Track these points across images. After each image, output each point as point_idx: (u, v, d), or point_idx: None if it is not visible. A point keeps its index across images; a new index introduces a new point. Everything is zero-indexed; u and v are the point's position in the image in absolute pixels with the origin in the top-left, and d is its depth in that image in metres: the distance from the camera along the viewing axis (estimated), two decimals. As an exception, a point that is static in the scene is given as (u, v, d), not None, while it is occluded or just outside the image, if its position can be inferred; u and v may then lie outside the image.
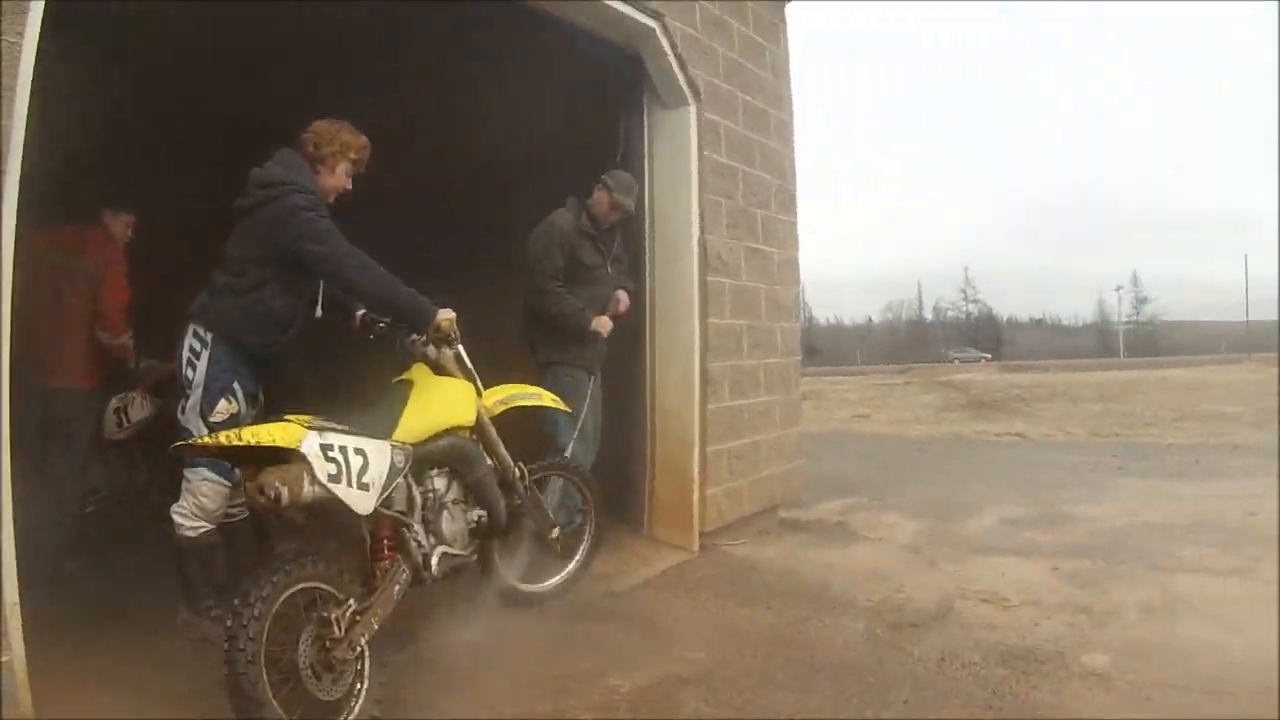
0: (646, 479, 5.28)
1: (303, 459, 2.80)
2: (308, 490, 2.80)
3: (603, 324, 4.80)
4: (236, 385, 3.33)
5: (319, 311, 3.49)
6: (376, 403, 3.39)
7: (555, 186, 4.92)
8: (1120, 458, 9.36)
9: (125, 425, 4.67)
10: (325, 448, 2.87)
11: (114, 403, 4.62)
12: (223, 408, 3.29)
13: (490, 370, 3.69)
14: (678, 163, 5.18)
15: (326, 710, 2.81)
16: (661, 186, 5.26)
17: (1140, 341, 64.41)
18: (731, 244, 5.42)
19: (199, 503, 3.25)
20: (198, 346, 3.31)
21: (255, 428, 2.86)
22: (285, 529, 3.27)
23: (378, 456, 3.04)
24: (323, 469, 2.83)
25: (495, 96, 5.68)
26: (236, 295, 3.30)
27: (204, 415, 3.26)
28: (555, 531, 4.07)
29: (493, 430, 3.69)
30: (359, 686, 2.94)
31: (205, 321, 3.31)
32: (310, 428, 2.89)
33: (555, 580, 4.20)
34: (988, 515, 6.26)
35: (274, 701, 2.64)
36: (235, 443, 2.77)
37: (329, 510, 2.93)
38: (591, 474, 4.41)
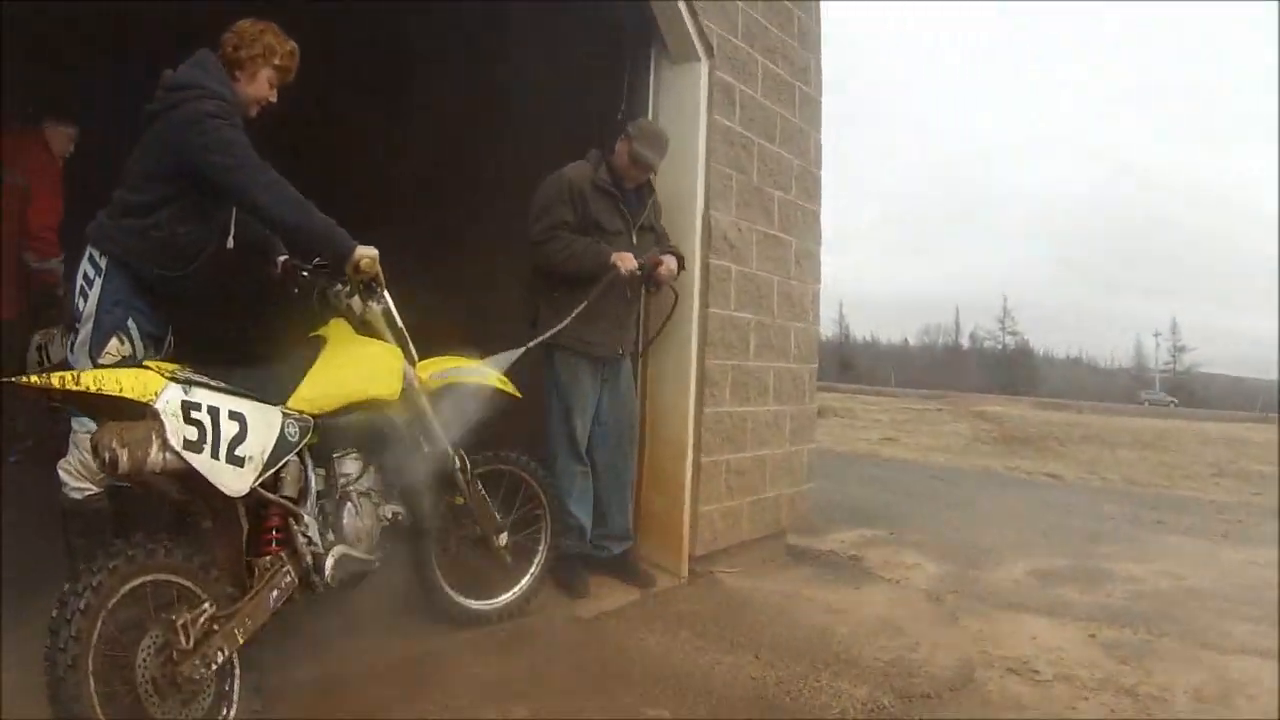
0: (633, 486, 4.55)
1: (155, 417, 2.32)
2: (155, 457, 2.31)
3: (625, 260, 3.91)
4: (131, 323, 2.82)
5: (230, 242, 3.00)
6: (277, 360, 2.84)
7: (555, 152, 4.26)
8: (1159, 511, 8.56)
9: (46, 364, 4.03)
10: (188, 406, 2.39)
11: (36, 338, 4.02)
12: (114, 347, 2.79)
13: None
14: (683, 125, 4.48)
15: None
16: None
17: (1175, 390, 62.88)
18: (741, 225, 4.72)
19: (84, 459, 2.74)
20: (91, 273, 2.82)
21: (99, 372, 2.39)
22: (154, 502, 2.77)
23: (262, 425, 2.56)
24: (177, 431, 2.35)
25: (488, 52, 5.07)
26: (134, 217, 2.81)
27: (92, 355, 2.77)
28: (503, 538, 3.50)
29: (428, 409, 3.13)
30: (223, 714, 2.43)
31: (100, 245, 2.83)
32: (174, 379, 2.42)
33: (505, 598, 3.63)
34: (1017, 564, 5.54)
35: (100, 717, 2.15)
36: (70, 387, 2.27)
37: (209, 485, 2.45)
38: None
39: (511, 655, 3.32)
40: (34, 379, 2.29)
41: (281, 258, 3.26)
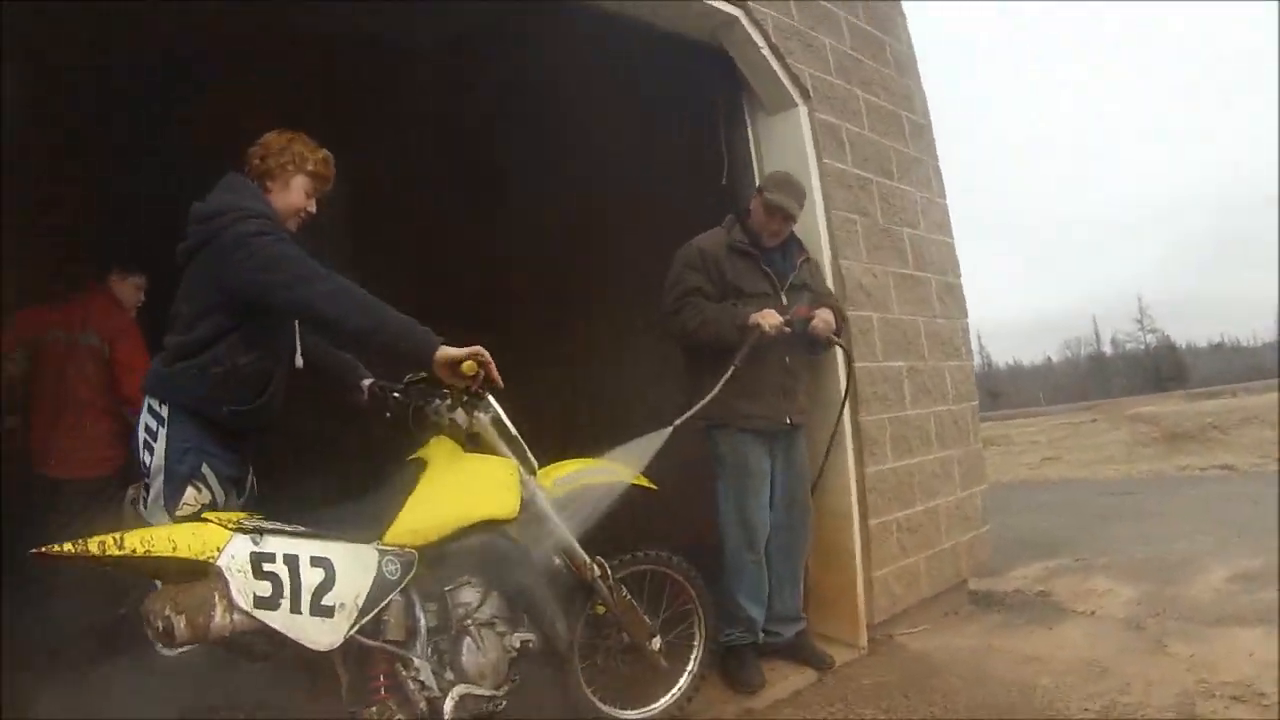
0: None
1: (217, 576, 2.09)
2: (221, 620, 2.08)
3: (768, 317, 3.52)
4: (206, 468, 2.57)
5: (299, 361, 2.76)
6: (369, 492, 2.59)
7: (664, 223, 4.10)
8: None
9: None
10: (260, 558, 2.16)
11: (130, 493, 3.96)
12: (191, 497, 2.54)
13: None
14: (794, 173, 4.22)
15: None
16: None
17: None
18: (875, 269, 4.45)
19: None
20: (153, 424, 2.58)
21: (147, 531, 2.12)
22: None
23: (354, 567, 2.32)
24: (246, 589, 2.11)
25: (574, 125, 4.99)
26: (189, 357, 2.56)
27: (168, 509, 2.52)
28: (656, 641, 3.18)
29: (554, 518, 2.84)
30: None
31: (158, 393, 2.59)
32: (240, 529, 2.18)
33: (662, 702, 3.33)
34: (1215, 570, 5.01)
35: None
36: (112, 553, 1.99)
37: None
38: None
39: None
40: (69, 547, 1.99)
41: (366, 382, 3.04)
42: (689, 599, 3.39)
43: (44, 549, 2.00)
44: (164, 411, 2.57)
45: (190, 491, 2.53)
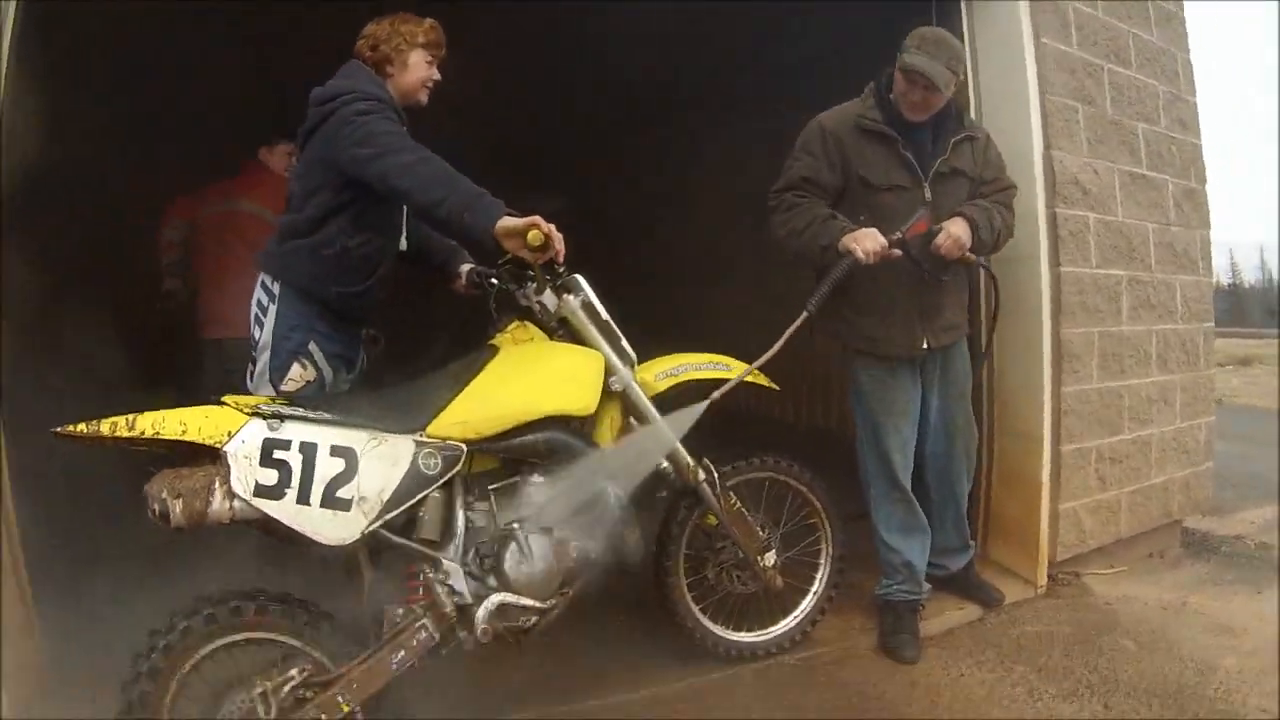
0: (977, 485, 3.85)
1: (221, 461, 2.06)
2: (220, 507, 2.05)
3: (863, 241, 2.83)
4: (313, 345, 2.66)
5: (403, 244, 2.80)
6: (424, 378, 2.46)
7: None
8: None
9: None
10: (272, 445, 2.11)
11: None
12: (296, 373, 2.64)
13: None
14: (1006, 54, 3.74)
15: None
16: (988, 88, 3.83)
17: None
18: (1097, 165, 3.88)
19: None
20: (265, 300, 2.69)
21: (159, 414, 2.06)
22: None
23: (380, 459, 2.21)
24: (248, 476, 2.07)
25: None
26: (300, 236, 2.64)
27: (274, 383, 2.63)
28: (770, 557, 2.94)
29: (653, 414, 2.60)
30: None
31: (271, 270, 2.69)
32: (256, 414, 2.14)
33: (778, 628, 3.10)
34: None
35: None
36: (123, 434, 1.99)
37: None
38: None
39: (790, 694, 2.88)
40: (82, 428, 2.00)
41: (465, 267, 2.96)
42: (814, 512, 3.12)
43: (62, 429, 2.03)
44: (275, 288, 2.68)
45: (296, 368, 2.64)
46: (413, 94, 2.76)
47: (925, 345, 3.14)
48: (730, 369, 2.79)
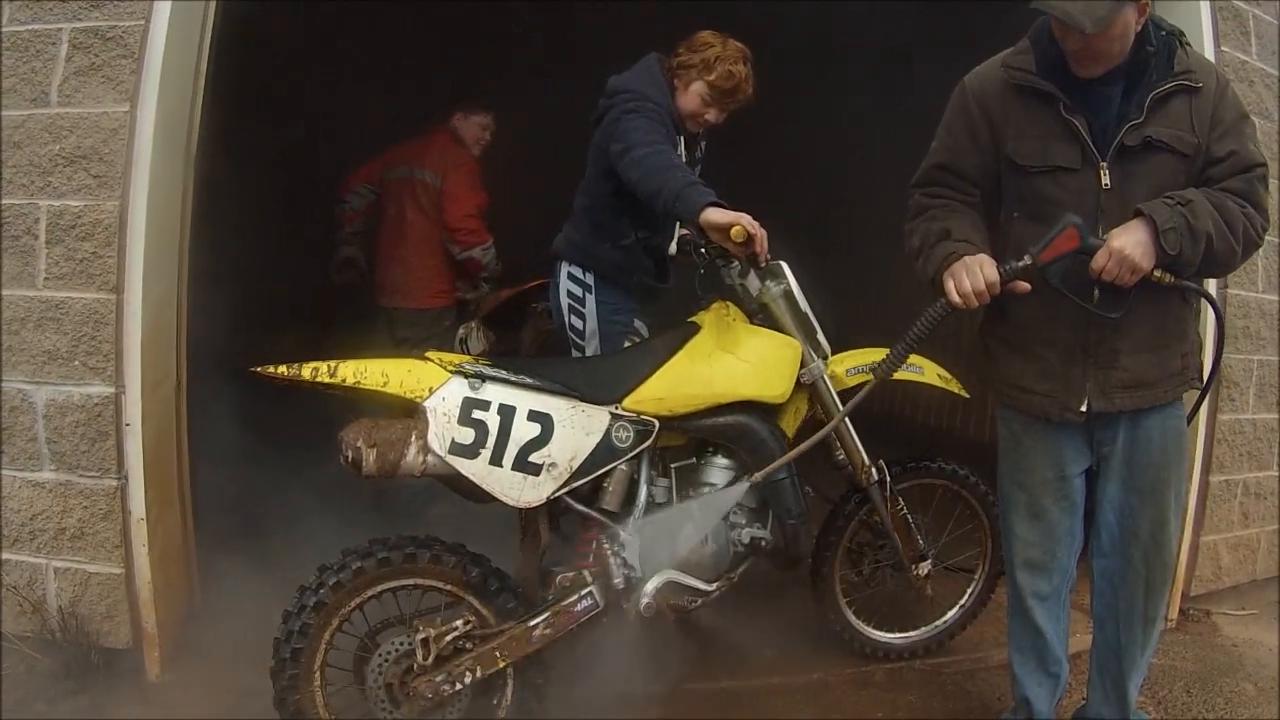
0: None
1: (420, 416, 2.11)
2: (413, 460, 2.10)
3: (961, 277, 2.04)
4: (638, 322, 2.79)
5: (673, 249, 2.87)
6: (625, 350, 2.58)
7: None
8: None
9: None
10: (472, 404, 2.14)
11: (460, 332, 4.14)
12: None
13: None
14: None
15: None
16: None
17: None
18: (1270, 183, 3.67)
19: None
20: (578, 291, 2.79)
21: (361, 363, 2.13)
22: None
23: (575, 427, 2.24)
24: (445, 433, 2.11)
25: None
26: (594, 225, 2.79)
27: None
28: (924, 567, 2.89)
29: (839, 407, 2.55)
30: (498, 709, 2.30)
31: (577, 260, 2.81)
32: (459, 372, 2.17)
33: (918, 632, 3.07)
34: None
35: (322, 713, 2.14)
36: (323, 379, 2.07)
37: None
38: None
39: (914, 698, 2.88)
40: (283, 369, 2.09)
41: (681, 233, 2.94)
42: (980, 527, 3.05)
43: (260, 368, 2.11)
44: (589, 279, 2.78)
45: (627, 345, 2.72)
46: (683, 118, 2.77)
47: (1086, 407, 2.18)
48: (923, 371, 2.76)
